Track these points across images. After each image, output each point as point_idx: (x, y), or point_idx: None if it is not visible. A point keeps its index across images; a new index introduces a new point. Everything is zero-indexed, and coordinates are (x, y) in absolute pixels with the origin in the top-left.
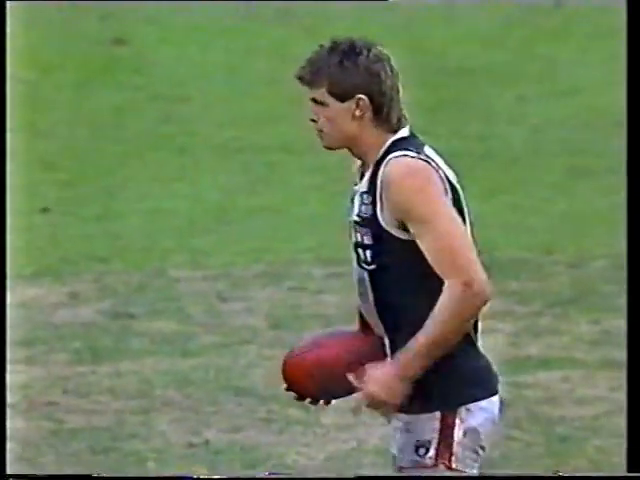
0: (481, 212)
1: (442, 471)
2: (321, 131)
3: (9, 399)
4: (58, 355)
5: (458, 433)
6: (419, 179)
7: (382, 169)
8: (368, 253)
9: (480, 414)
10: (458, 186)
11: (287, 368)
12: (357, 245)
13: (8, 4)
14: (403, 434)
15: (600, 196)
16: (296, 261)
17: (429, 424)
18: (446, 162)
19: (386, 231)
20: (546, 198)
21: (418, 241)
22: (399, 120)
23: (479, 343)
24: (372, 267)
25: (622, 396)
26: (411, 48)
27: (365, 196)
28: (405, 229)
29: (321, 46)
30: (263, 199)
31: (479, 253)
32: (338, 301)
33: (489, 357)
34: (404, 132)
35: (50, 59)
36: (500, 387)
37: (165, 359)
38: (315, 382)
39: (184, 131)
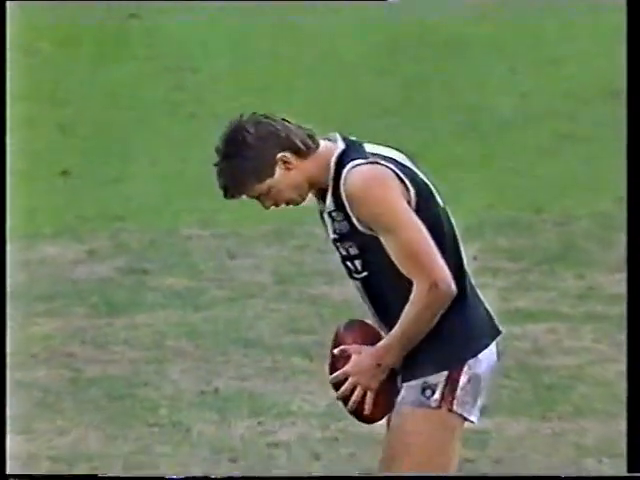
0: (475, 176)
1: (444, 413)
2: (288, 204)
3: (32, 350)
4: (76, 309)
5: (463, 379)
6: (376, 189)
7: (342, 185)
8: (357, 263)
9: (484, 362)
10: (417, 171)
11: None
12: (345, 259)
13: (8, 4)
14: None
15: (585, 160)
16: (300, 221)
17: (439, 373)
18: (393, 147)
19: (369, 236)
20: (534, 162)
21: (385, 247)
22: (311, 137)
23: (474, 291)
24: (365, 274)
25: (605, 347)
26: (406, 23)
27: (335, 214)
28: None
29: (215, 163)
30: None
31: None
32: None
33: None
34: (340, 144)
35: (67, 32)
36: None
37: (177, 312)
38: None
39: (193, 99)
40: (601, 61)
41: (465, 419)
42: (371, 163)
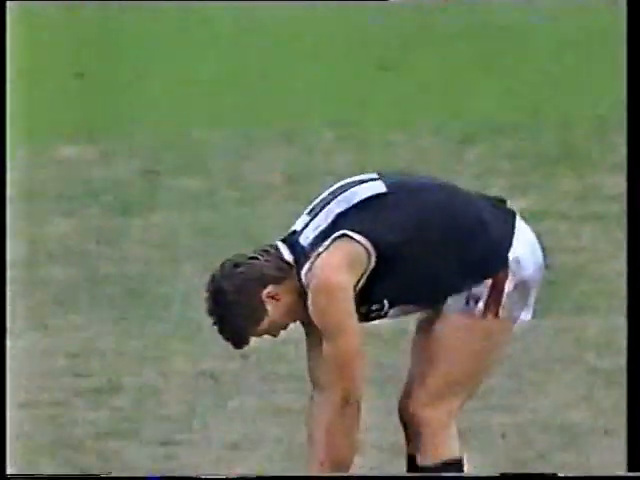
0: (477, 80)
1: (489, 321)
2: (285, 327)
3: (49, 248)
4: (92, 209)
5: (509, 286)
6: (319, 304)
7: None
8: (374, 307)
9: (530, 264)
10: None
11: None
12: (367, 319)
13: (8, 4)
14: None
15: (585, 64)
16: (308, 123)
17: (482, 284)
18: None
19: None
20: (535, 66)
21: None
22: (282, 260)
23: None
24: (385, 310)
25: (604, 246)
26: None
27: None
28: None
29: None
30: (278, 66)
31: None
32: (347, 160)
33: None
34: (288, 257)
35: None
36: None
37: (190, 212)
38: None
39: (206, 6)
40: None
41: (515, 321)
42: (321, 268)
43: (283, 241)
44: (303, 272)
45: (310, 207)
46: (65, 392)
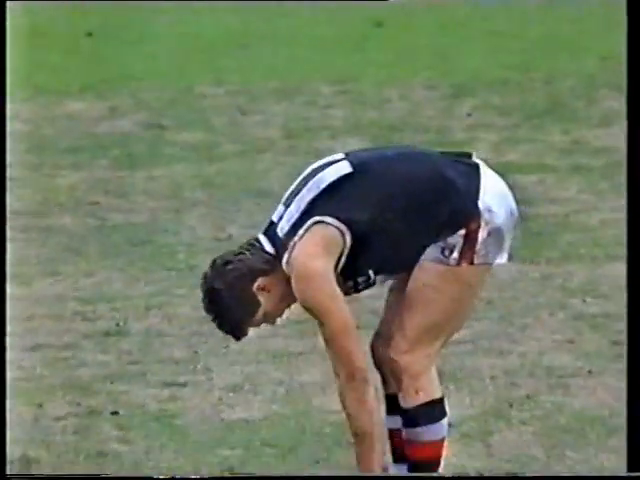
0: (466, 38)
1: (464, 269)
2: (281, 314)
3: (59, 199)
4: (100, 161)
5: (482, 234)
6: (306, 290)
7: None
8: (360, 280)
9: (502, 211)
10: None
11: None
12: (355, 290)
13: (8, 4)
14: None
15: (570, 23)
16: (307, 79)
17: (456, 234)
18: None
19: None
20: (523, 24)
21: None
22: (267, 253)
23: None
24: (371, 280)
25: (589, 197)
26: None
27: None
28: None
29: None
30: (277, 25)
31: None
32: (344, 114)
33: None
34: (269, 248)
35: None
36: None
37: (193, 165)
38: None
39: None
40: None
41: (490, 265)
42: (291, 258)
43: (264, 234)
44: (283, 262)
45: (284, 197)
46: (75, 335)
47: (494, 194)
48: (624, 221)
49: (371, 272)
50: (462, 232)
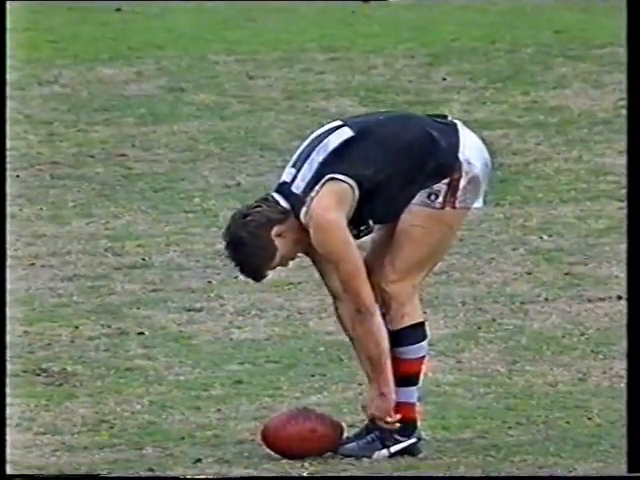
0: (442, 12)
1: (447, 212)
2: (293, 258)
3: (92, 151)
4: (127, 119)
5: (463, 182)
6: (321, 236)
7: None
8: (362, 228)
9: (479, 162)
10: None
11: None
12: (358, 237)
13: (8, 4)
14: None
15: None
16: (304, 48)
17: (441, 182)
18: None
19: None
20: (485, 3)
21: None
22: (278, 204)
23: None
24: (370, 228)
25: (545, 149)
26: None
27: None
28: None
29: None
30: (279, 2)
31: None
32: (336, 79)
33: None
34: (284, 204)
35: None
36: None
37: (207, 122)
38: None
39: None
40: None
41: (469, 208)
42: (307, 209)
43: (277, 192)
44: (302, 215)
45: (293, 161)
46: (106, 268)
47: (472, 148)
48: (575, 170)
49: (371, 221)
50: (446, 180)
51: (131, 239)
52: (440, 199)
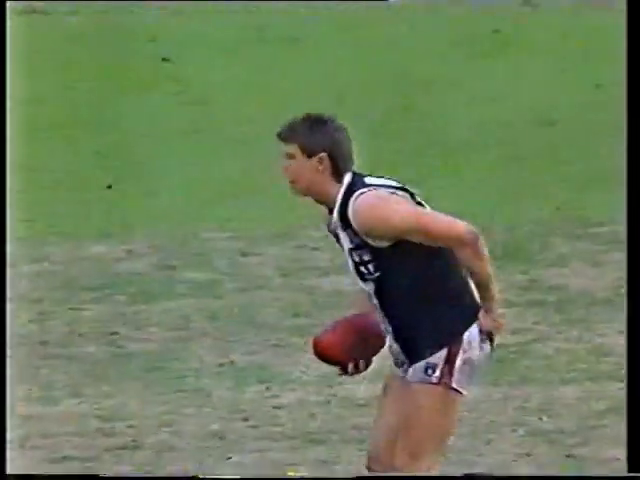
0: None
1: (443, 389)
2: (292, 182)
3: (83, 330)
4: (118, 297)
5: (459, 361)
6: (381, 211)
7: (351, 215)
8: (371, 266)
9: (478, 349)
10: (405, 188)
11: (322, 348)
12: (359, 264)
13: (8, 4)
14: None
15: (529, 175)
16: (298, 225)
17: (439, 353)
18: (387, 178)
19: (381, 248)
20: (486, 179)
21: (415, 240)
22: (350, 164)
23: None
24: (377, 274)
25: (544, 328)
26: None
27: (348, 231)
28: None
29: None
30: (273, 179)
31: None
32: (330, 256)
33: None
34: (347, 178)
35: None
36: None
37: (199, 300)
38: (350, 349)
39: (209, 127)
40: (537, 96)
41: (462, 394)
42: (372, 190)
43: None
44: (358, 190)
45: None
46: (95, 449)
47: (479, 332)
48: (574, 350)
49: (372, 268)
50: (444, 353)
51: (122, 419)
52: (437, 373)
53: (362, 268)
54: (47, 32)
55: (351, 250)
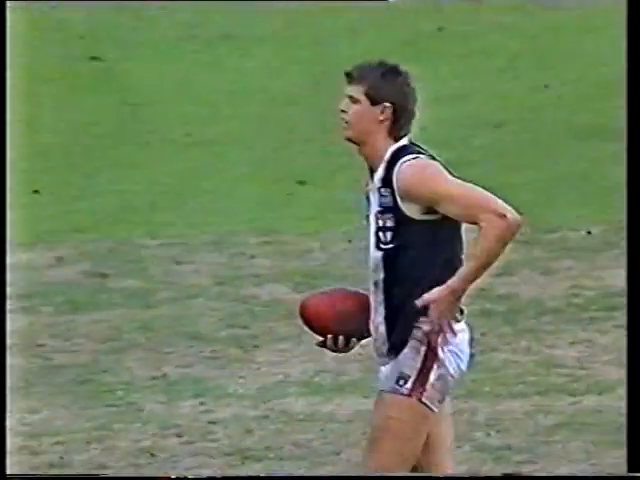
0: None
1: (414, 402)
2: (347, 122)
3: (9, 341)
4: (46, 307)
5: (433, 376)
6: (432, 171)
7: (397, 171)
8: (389, 234)
9: (454, 364)
10: None
11: (309, 304)
12: (379, 229)
13: (8, 4)
14: (391, 365)
15: (475, 179)
16: (235, 232)
17: (413, 361)
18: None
19: (407, 216)
20: None
21: (449, 212)
22: (405, 135)
23: None
24: (391, 246)
25: (491, 339)
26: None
27: (383, 190)
28: (428, 212)
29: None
30: (208, 183)
31: None
32: (269, 263)
33: None
34: (404, 141)
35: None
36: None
37: (131, 310)
38: (336, 314)
39: (147, 129)
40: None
41: (432, 410)
42: (427, 157)
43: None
44: (403, 160)
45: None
46: (21, 469)
47: (467, 347)
48: (523, 362)
49: (390, 237)
50: (418, 366)
51: (49, 435)
52: (409, 385)
53: (381, 234)
54: None
55: (377, 213)
